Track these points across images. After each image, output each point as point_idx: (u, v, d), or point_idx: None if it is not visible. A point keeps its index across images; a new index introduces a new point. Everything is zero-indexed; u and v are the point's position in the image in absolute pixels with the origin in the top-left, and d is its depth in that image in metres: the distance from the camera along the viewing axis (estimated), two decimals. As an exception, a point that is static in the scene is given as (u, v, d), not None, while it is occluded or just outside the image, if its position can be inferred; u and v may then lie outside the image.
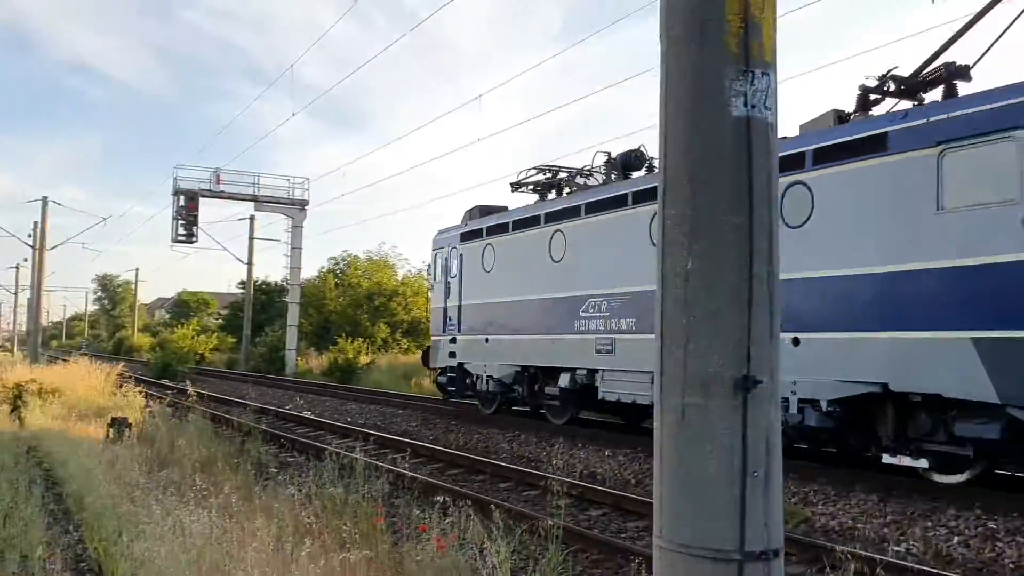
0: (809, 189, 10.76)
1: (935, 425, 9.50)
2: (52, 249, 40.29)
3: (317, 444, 13.99)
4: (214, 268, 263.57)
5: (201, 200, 41.52)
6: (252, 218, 47.24)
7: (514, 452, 14.33)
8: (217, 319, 74.49)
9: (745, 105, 2.84)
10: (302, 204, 44.25)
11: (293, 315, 42.41)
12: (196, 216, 40.93)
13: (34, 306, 42.39)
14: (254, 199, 43.80)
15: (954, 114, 9.31)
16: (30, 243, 41.29)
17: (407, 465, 10.39)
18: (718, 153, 2.83)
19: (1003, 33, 9.75)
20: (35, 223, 40.30)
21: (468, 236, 18.95)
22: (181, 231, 40.85)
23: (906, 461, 9.72)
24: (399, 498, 9.01)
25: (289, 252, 44.17)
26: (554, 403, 16.24)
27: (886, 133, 9.91)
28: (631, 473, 12.15)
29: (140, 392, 23.85)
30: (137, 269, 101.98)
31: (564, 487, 7.21)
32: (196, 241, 41.54)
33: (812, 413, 10.50)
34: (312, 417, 19.84)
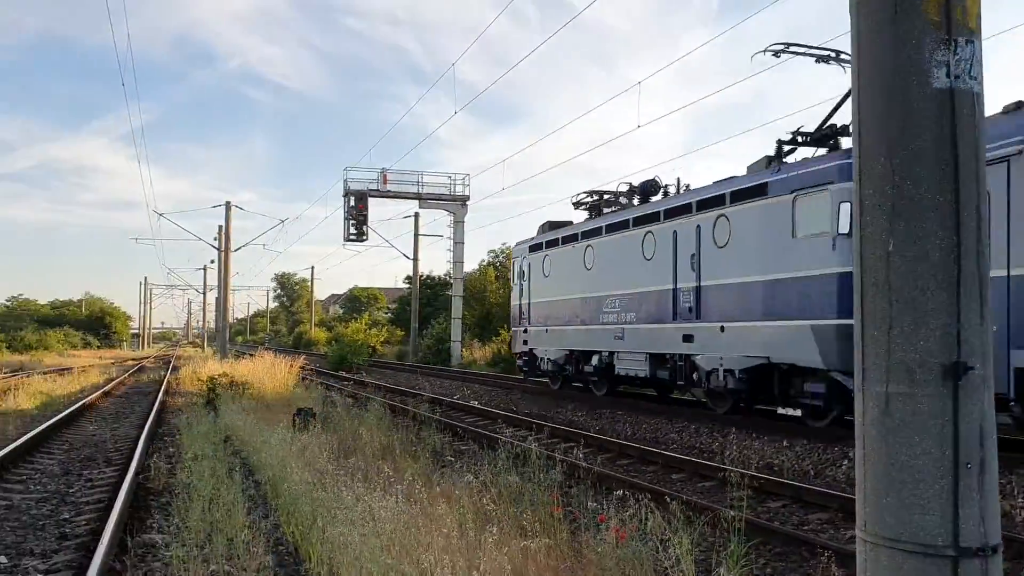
0: (728, 220, 14.81)
1: (800, 385, 13.49)
2: (236, 251, 42.97)
3: (490, 434, 14.27)
4: (382, 264, 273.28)
5: (369, 199, 43.17)
6: (416, 215, 48.77)
7: (684, 442, 14.14)
8: (386, 313, 77.29)
9: (948, 76, 2.68)
10: (463, 200, 45.23)
11: (457, 308, 43.47)
12: (366, 215, 42.60)
13: (222, 304, 45.33)
14: (418, 197, 45.14)
15: (801, 172, 13.32)
16: (216, 245, 44.12)
17: (579, 455, 10.42)
18: (919, 128, 2.68)
19: (843, 102, 13.56)
20: (219, 227, 43.04)
21: (534, 248, 23.59)
22: (352, 230, 42.62)
23: (789, 411, 14.16)
24: (572, 487, 9.07)
25: (452, 247, 45.27)
26: (592, 378, 20.60)
27: (766, 183, 13.91)
28: (809, 464, 11.74)
29: (321, 384, 25.11)
30: (312, 267, 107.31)
31: (745, 479, 7.05)
32: (367, 239, 43.25)
33: (732, 379, 14.54)
34: (479, 406, 20.27)
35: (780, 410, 14.31)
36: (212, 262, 59.41)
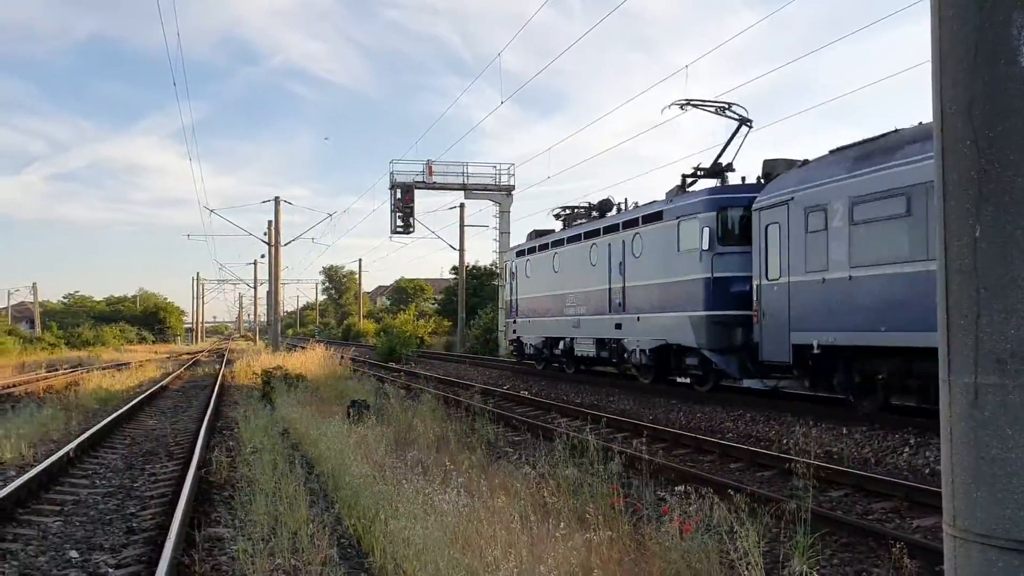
0: (641, 237, 19.57)
1: (685, 360, 18.07)
2: (286, 245, 43.47)
3: (544, 424, 14.26)
4: (428, 255, 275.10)
5: (415, 191, 43.38)
6: (462, 206, 48.84)
7: (740, 431, 13.99)
8: (433, 304, 77.65)
9: (1038, 54, 2.57)
10: (508, 189, 45.24)
11: (503, 298, 43.52)
12: (412, 207, 42.84)
13: (273, 298, 45.92)
14: (463, 187, 45.25)
15: (682, 204, 17.94)
16: (266, 240, 44.69)
17: (640, 447, 10.35)
18: (1008, 109, 2.58)
19: (728, 145, 18.68)
20: (269, 222, 43.60)
21: (520, 253, 28.73)
22: (399, 222, 42.90)
23: (681, 380, 19.54)
24: (631, 479, 9.01)
25: (498, 236, 45.31)
26: (561, 359, 25.41)
27: (662, 211, 18.66)
28: (870, 451, 11.54)
29: (372, 375, 25.31)
30: (360, 260, 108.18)
31: (810, 469, 6.94)
32: (413, 231, 43.50)
33: (644, 356, 19.42)
34: (530, 396, 20.28)
35: (679, 379, 19.75)
36: (262, 257, 60.32)
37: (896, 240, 12.17)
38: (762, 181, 16.35)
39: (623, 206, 22.31)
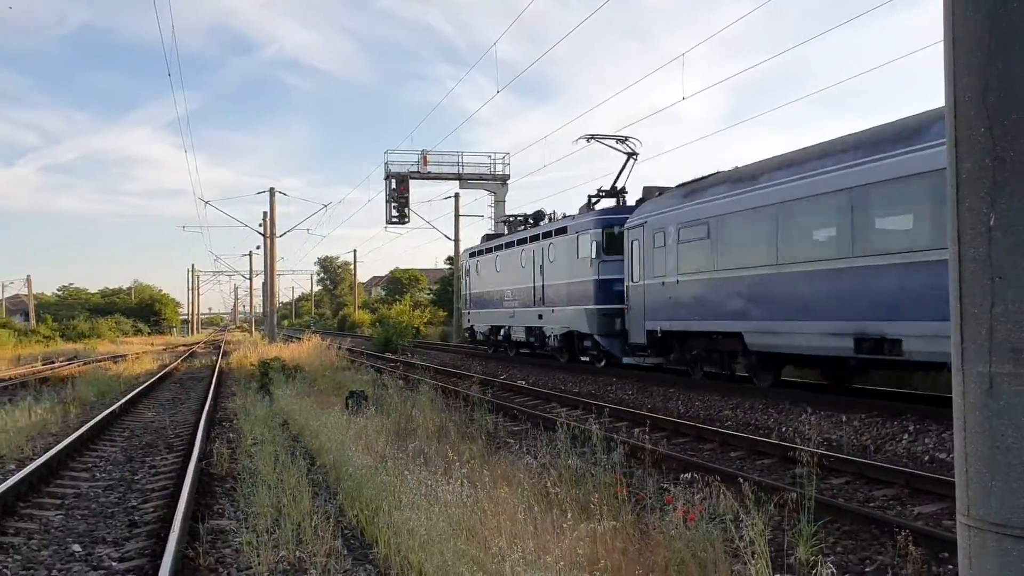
0: (555, 246, 24.49)
1: (583, 344, 23.30)
2: (281, 236, 43.37)
3: (544, 414, 14.27)
4: (423, 245, 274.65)
5: (410, 181, 43.28)
6: (457, 196, 48.75)
7: (739, 419, 14.01)
8: (428, 294, 77.57)
9: (1054, 40, 2.55)
10: (503, 179, 45.16)
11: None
12: (407, 198, 42.77)
13: (269, 289, 45.84)
14: (458, 177, 45.16)
15: (580, 221, 23.09)
16: (261, 232, 44.58)
17: (638, 435, 10.36)
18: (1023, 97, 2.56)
19: (620, 173, 24.44)
20: (264, 213, 43.51)
21: (472, 254, 34.41)
22: (395, 213, 42.82)
23: (583, 358, 24.02)
24: (631, 468, 9.02)
25: (492, 226, 45.21)
26: (503, 344, 30.69)
27: (567, 226, 23.73)
28: (868, 439, 11.56)
29: (370, 366, 25.30)
30: (355, 251, 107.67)
31: (813, 457, 6.96)
32: (408, 221, 43.43)
33: (556, 340, 24.65)
34: (526, 386, 20.29)
35: (582, 358, 24.37)
36: (258, 248, 60.20)
37: (701, 255, 16.49)
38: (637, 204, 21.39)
39: (552, 217, 27.33)
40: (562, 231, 24.06)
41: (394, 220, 43.46)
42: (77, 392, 19.25)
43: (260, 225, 44.47)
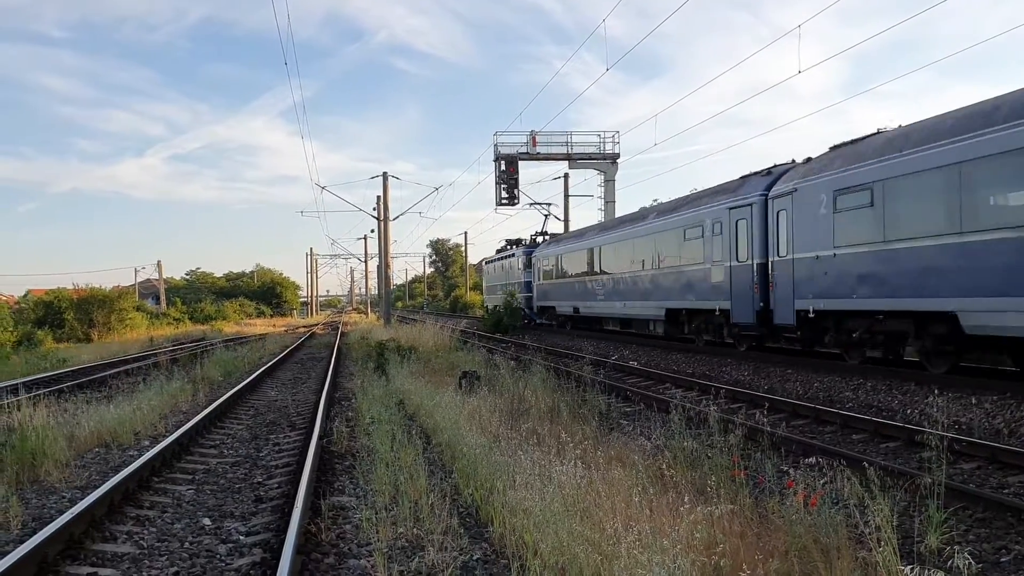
0: (512, 260, 46.63)
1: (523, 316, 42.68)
2: (394, 220, 44.22)
3: (657, 395, 14.13)
4: (532, 227, 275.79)
5: (519, 162, 43.37)
6: (566, 176, 48.60)
7: (860, 401, 13.51)
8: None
9: None
10: (613, 157, 44.70)
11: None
12: (516, 179, 42.86)
13: (383, 272, 46.85)
14: (567, 157, 44.94)
15: (517, 252, 45.70)
16: (375, 215, 45.53)
17: (758, 417, 10.14)
18: None
19: (545, 222, 49.85)
20: (377, 197, 44.42)
21: (490, 261, 55.82)
22: (504, 194, 43.02)
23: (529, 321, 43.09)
24: (747, 451, 8.82)
25: (603, 206, 44.91)
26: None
27: (513, 252, 46.40)
28: (1002, 422, 10.97)
29: (482, 346, 25.58)
30: (466, 232, 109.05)
31: (943, 441, 6.65)
32: (518, 203, 43.56)
33: (527, 316, 43.05)
34: (639, 367, 20.10)
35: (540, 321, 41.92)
36: (372, 231, 61.70)
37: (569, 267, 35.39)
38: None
39: (526, 241, 46.40)
40: (511, 256, 46.51)
41: (503, 201, 43.69)
42: (205, 372, 20.15)
43: (374, 209, 45.46)
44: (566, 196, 49.24)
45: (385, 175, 42.27)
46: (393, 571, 5.52)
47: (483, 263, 54.04)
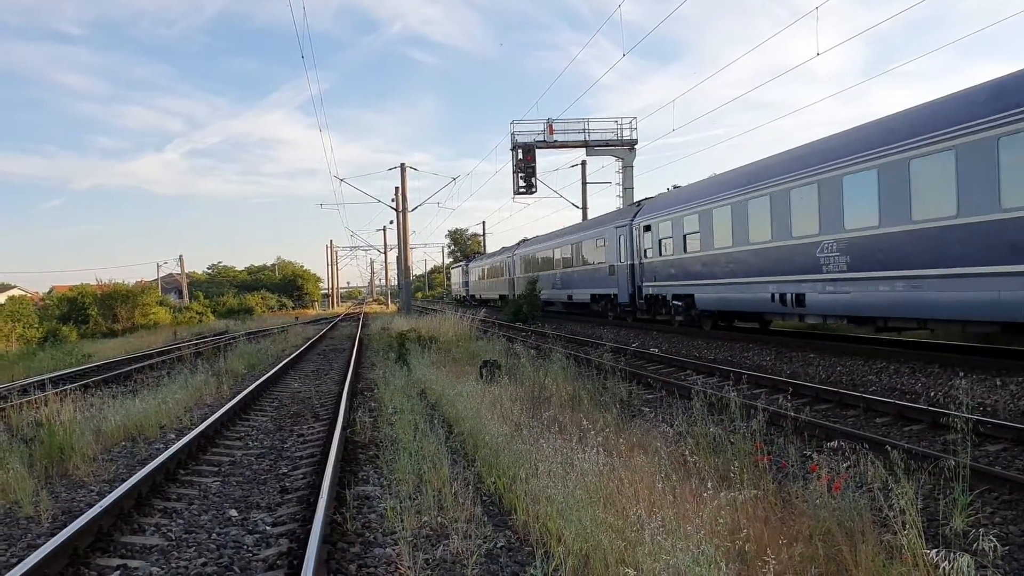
0: (462, 269, 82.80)
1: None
2: (413, 210, 44.30)
3: (678, 382, 14.10)
4: (551, 215, 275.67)
5: (537, 151, 43.26)
6: (584, 163, 48.46)
7: (884, 384, 13.44)
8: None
9: None
10: (631, 144, 44.44)
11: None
12: (534, 167, 42.72)
13: (402, 263, 46.96)
14: (585, 144, 44.73)
15: (461, 264, 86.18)
16: (393, 206, 45.63)
17: (781, 402, 10.11)
18: None
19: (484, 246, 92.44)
20: (396, 188, 44.52)
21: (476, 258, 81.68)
22: (521, 183, 42.90)
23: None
24: (770, 436, 8.81)
25: (621, 193, 44.71)
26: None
27: (460, 265, 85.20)
28: (1028, 404, 10.88)
29: (502, 336, 25.61)
30: (484, 222, 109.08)
31: (968, 423, 6.61)
32: (535, 191, 43.44)
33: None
34: (659, 353, 20.06)
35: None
36: (391, 222, 61.92)
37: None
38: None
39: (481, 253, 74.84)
40: (457, 265, 76.91)
41: (521, 190, 43.57)
42: (229, 364, 20.31)
43: (392, 200, 45.59)
44: (584, 183, 49.14)
45: (403, 166, 42.38)
46: (418, 559, 5.57)
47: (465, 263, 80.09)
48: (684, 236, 23.79)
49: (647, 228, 26.79)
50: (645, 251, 27.26)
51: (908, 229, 13.98)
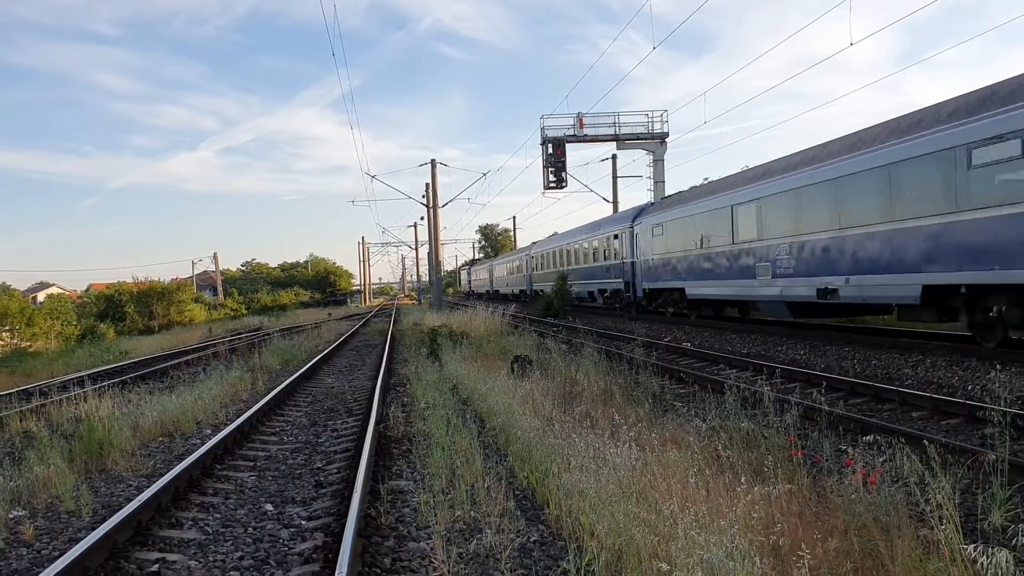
0: (468, 271, 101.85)
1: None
2: (443, 206, 44.41)
3: (711, 376, 14.03)
4: (581, 209, 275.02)
5: (567, 145, 43.19)
6: (614, 157, 48.33)
7: (920, 377, 13.27)
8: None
9: None
10: (662, 137, 44.21)
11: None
12: (564, 162, 42.65)
13: (434, 259, 47.12)
14: (615, 138, 44.55)
15: (468, 266, 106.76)
16: (424, 203, 45.78)
17: (815, 396, 10.03)
18: None
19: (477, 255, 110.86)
20: (426, 184, 44.63)
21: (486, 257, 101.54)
22: (552, 178, 42.85)
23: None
24: (804, 430, 8.74)
25: (652, 186, 44.50)
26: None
27: (464, 267, 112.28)
28: (1069, 397, 10.70)
29: (534, 331, 25.62)
30: (514, 217, 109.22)
31: (1006, 417, 6.52)
32: (566, 186, 43.36)
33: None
34: (692, 348, 19.97)
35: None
36: (421, 219, 62.29)
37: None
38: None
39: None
40: (463, 269, 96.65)
41: (551, 185, 43.52)
42: (263, 360, 20.53)
43: (423, 196, 45.74)
44: (614, 177, 48.98)
45: (433, 162, 42.50)
46: (452, 553, 5.60)
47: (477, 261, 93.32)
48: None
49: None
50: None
51: (577, 267, 42.02)
